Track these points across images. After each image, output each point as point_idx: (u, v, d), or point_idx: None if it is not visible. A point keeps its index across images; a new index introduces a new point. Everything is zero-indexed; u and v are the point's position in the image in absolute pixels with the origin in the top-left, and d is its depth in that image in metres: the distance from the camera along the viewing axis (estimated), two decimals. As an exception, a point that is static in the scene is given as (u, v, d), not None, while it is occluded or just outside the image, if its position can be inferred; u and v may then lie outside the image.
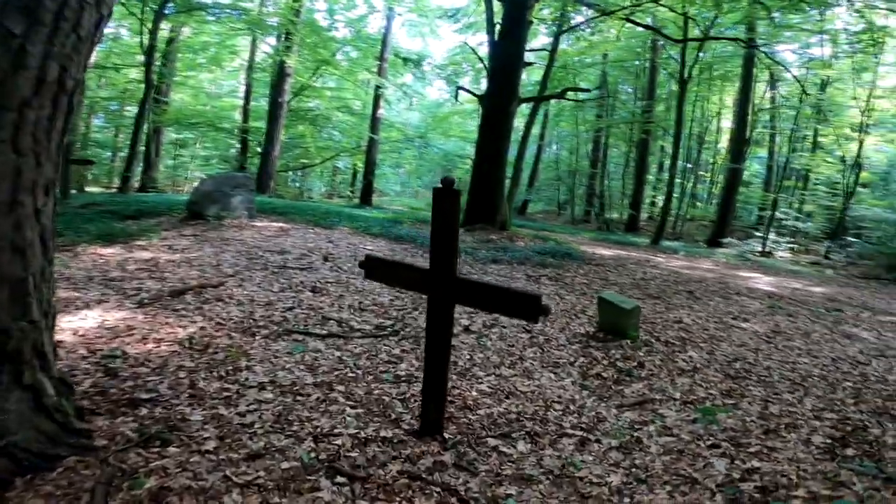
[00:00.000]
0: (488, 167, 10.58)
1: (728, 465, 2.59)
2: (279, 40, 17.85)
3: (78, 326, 3.83)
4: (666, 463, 2.64)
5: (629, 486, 2.43)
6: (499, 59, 10.95)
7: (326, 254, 6.63)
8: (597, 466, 2.58)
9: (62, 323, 3.85)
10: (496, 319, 4.75)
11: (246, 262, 5.94)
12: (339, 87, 23.34)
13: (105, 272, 5.19)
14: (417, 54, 25.01)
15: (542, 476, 2.47)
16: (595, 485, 2.42)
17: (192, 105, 21.79)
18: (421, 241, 8.49)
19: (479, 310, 4.54)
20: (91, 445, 2.19)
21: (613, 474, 2.52)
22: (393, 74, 24.10)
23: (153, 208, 8.95)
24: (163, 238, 6.80)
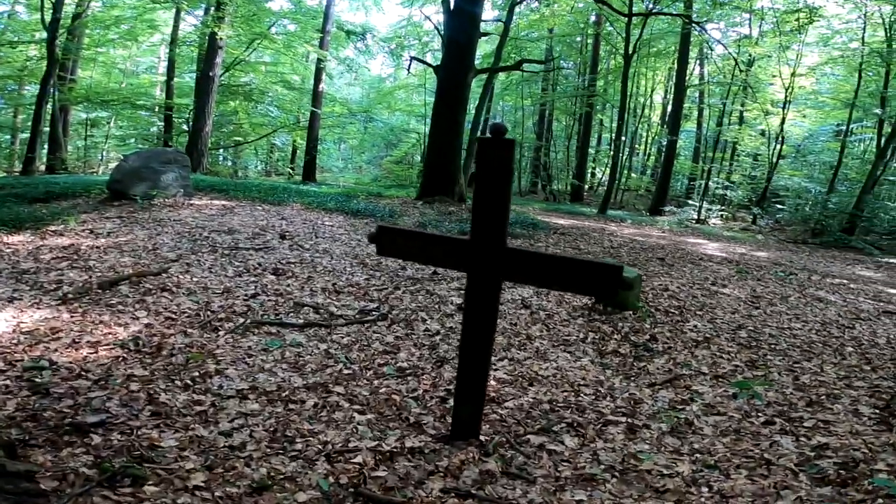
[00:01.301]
0: (445, 138, 9.99)
1: (794, 443, 2.31)
2: (207, 13, 16.01)
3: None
4: (728, 445, 2.32)
5: (701, 473, 2.09)
6: (454, 30, 10.27)
7: (283, 231, 5.84)
8: (658, 456, 2.20)
9: None
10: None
11: (189, 244, 5.07)
12: (275, 61, 21.57)
13: (13, 263, 4.17)
14: (362, 27, 23.62)
15: (605, 474, 2.06)
16: (666, 476, 2.05)
17: (104, 83, 19.37)
18: (380, 214, 7.82)
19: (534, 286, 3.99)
20: (38, 490, 1.51)
21: (680, 462, 2.16)
22: (335, 48, 22.61)
23: (66, 190, 7.61)
24: (82, 222, 5.70)
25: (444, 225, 7.55)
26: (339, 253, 5.32)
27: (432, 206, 9.42)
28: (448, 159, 10.02)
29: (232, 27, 15.62)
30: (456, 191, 10.05)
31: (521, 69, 11.63)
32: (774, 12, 14.05)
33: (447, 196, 9.86)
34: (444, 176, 10.00)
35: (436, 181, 10.00)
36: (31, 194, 7.22)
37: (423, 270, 4.98)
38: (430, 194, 9.84)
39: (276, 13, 18.46)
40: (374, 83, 30.90)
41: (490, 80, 11.83)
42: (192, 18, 17.56)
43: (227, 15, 14.89)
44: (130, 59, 22.20)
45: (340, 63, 25.34)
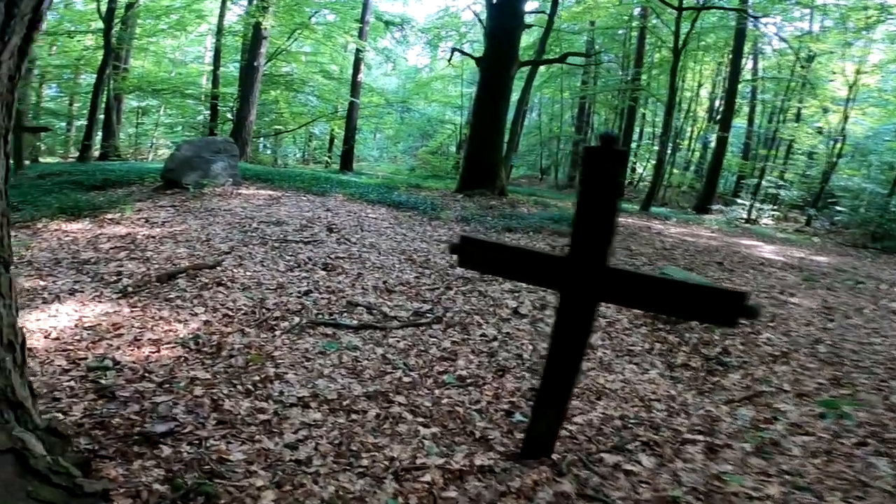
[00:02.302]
0: (486, 131, 9.77)
1: (890, 465, 2.09)
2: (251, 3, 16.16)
3: (49, 327, 2.97)
4: (819, 466, 2.11)
5: (793, 496, 1.89)
6: (497, 21, 9.98)
7: (329, 224, 5.78)
8: (744, 477, 2.01)
9: (29, 322, 2.99)
10: (546, 300, 4.10)
11: (241, 235, 5.06)
12: (315, 51, 21.66)
13: (74, 253, 4.24)
14: (400, 17, 23.47)
15: (687, 496, 1.88)
16: (754, 499, 1.87)
17: (154, 72, 19.85)
18: (423, 207, 7.67)
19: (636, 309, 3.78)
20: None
21: (768, 485, 1.96)
22: (373, 38, 22.56)
23: (121, 177, 7.79)
24: (137, 210, 5.79)
25: (487, 220, 7.37)
26: (386, 248, 5.21)
27: (473, 199, 9.24)
28: (489, 152, 9.79)
29: (275, 17, 15.72)
30: (497, 184, 9.83)
31: (565, 62, 11.23)
32: (839, 8, 13.09)
33: (488, 189, 9.66)
34: (485, 169, 9.78)
35: (477, 174, 9.80)
36: (89, 181, 7.42)
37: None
38: (470, 187, 9.66)
39: (317, 3, 18.47)
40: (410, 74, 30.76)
41: (533, 73, 11.47)
42: (237, 8, 17.77)
43: (270, 5, 14.99)
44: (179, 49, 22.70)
45: (379, 53, 25.26)
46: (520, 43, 10.52)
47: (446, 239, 6.01)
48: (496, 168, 9.83)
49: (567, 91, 20.69)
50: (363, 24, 18.42)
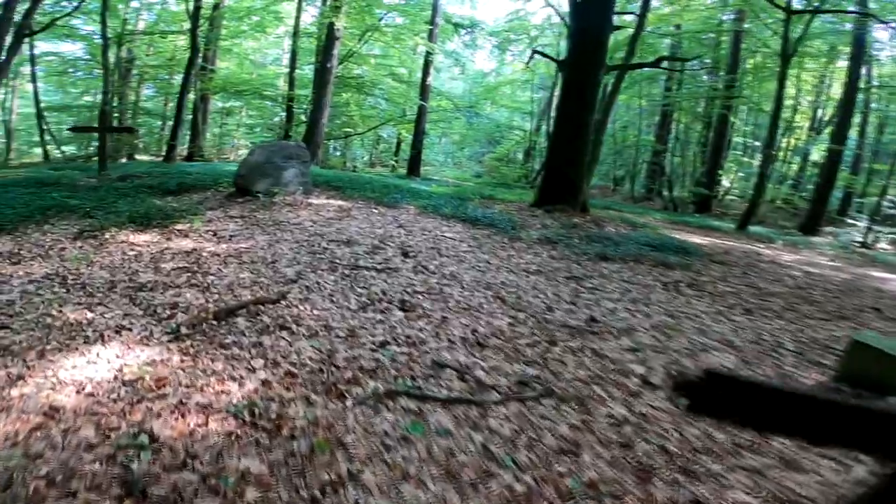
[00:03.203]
0: (570, 141, 8.78)
1: None
2: (325, 3, 16.08)
3: (85, 378, 2.44)
4: None
5: None
6: (584, 22, 8.97)
7: (404, 247, 5.11)
8: None
9: (63, 369, 2.48)
10: (685, 369, 3.17)
11: (308, 257, 4.49)
12: (384, 53, 21.43)
13: (133, 274, 3.80)
14: (469, 20, 22.79)
15: None
16: None
17: (237, 73, 20.31)
18: (502, 225, 6.86)
19: None
20: None
21: None
22: (441, 41, 22.03)
23: (197, 182, 7.58)
24: (207, 221, 5.40)
25: (573, 242, 6.45)
26: (470, 280, 4.46)
27: (553, 215, 8.31)
28: (572, 164, 8.80)
29: (347, 18, 15.49)
30: (579, 199, 8.83)
31: (659, 66, 10.03)
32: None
33: (569, 205, 8.68)
34: (566, 182, 8.81)
35: (557, 187, 8.84)
36: (164, 186, 7.24)
37: (576, 313, 3.97)
38: (549, 201, 8.72)
39: (387, 5, 18.13)
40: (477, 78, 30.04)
41: (620, 78, 10.33)
42: (312, 9, 17.78)
43: (343, 4, 14.74)
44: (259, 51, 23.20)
45: (448, 56, 24.70)
46: (608, 46, 9.45)
47: (536, 268, 5.18)
48: (578, 182, 8.83)
49: (643, 98, 19.13)
50: (432, 26, 17.86)
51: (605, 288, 4.81)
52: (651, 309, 4.33)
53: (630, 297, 4.61)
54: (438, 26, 18.54)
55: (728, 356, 3.53)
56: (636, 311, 4.26)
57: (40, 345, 2.76)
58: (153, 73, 21.16)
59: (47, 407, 2.27)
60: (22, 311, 3.12)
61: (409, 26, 19.22)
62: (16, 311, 3.11)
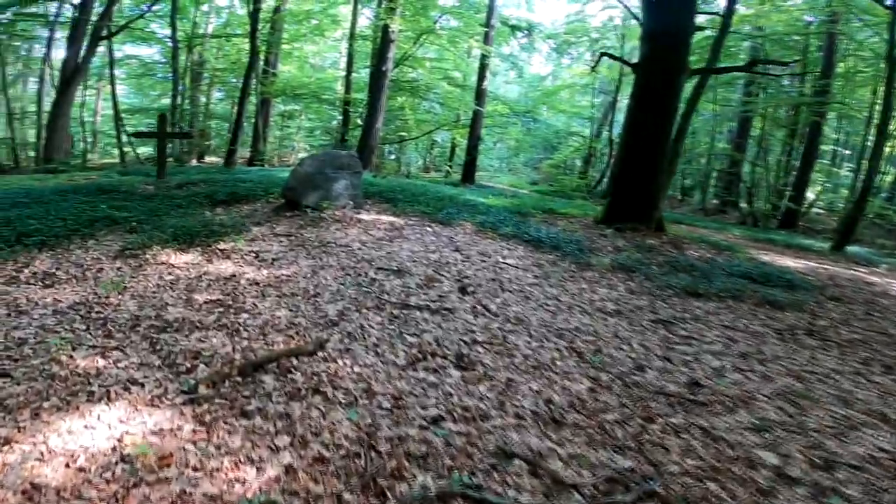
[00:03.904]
0: (644, 152, 7.81)
1: None
2: (380, 5, 15.79)
3: (79, 447, 1.98)
4: None
5: None
6: (661, 21, 7.95)
7: (461, 278, 4.45)
8: None
9: (54, 436, 2.02)
10: (833, 456, 2.32)
11: (354, 290, 3.92)
12: (439, 57, 20.92)
13: (162, 309, 3.36)
14: (527, 22, 21.88)
15: None
16: None
17: (297, 77, 20.44)
18: (568, 248, 6.06)
19: None
20: None
21: None
22: (497, 44, 21.26)
23: (249, 191, 7.27)
24: (251, 240, 4.98)
25: (653, 271, 5.55)
26: (538, 324, 3.73)
27: (624, 235, 7.39)
28: (647, 178, 7.81)
29: (402, 19, 15.06)
30: (654, 217, 7.83)
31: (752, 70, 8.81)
32: None
33: (641, 223, 7.71)
34: (639, 197, 7.84)
35: (628, 203, 7.89)
36: (216, 196, 6.97)
37: (673, 374, 3.16)
38: (619, 218, 7.79)
39: (441, 7, 17.55)
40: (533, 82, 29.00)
41: (702, 83, 9.17)
42: (368, 12, 17.56)
43: (398, 6, 14.32)
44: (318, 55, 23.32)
45: (504, 60, 23.86)
46: (690, 47, 8.36)
47: (614, 306, 4.36)
48: (654, 197, 7.84)
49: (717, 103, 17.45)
50: (488, 28, 17.09)
51: (703, 337, 3.93)
52: (769, 368, 3.44)
53: (738, 351, 3.72)
54: (494, 29, 17.76)
55: (884, 435, 2.64)
56: (749, 370, 3.39)
57: (38, 400, 2.33)
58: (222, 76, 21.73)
59: (28, 484, 1.81)
60: (31, 353, 2.73)
61: (463, 29, 18.58)
62: (24, 353, 2.72)
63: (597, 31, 21.61)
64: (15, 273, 3.94)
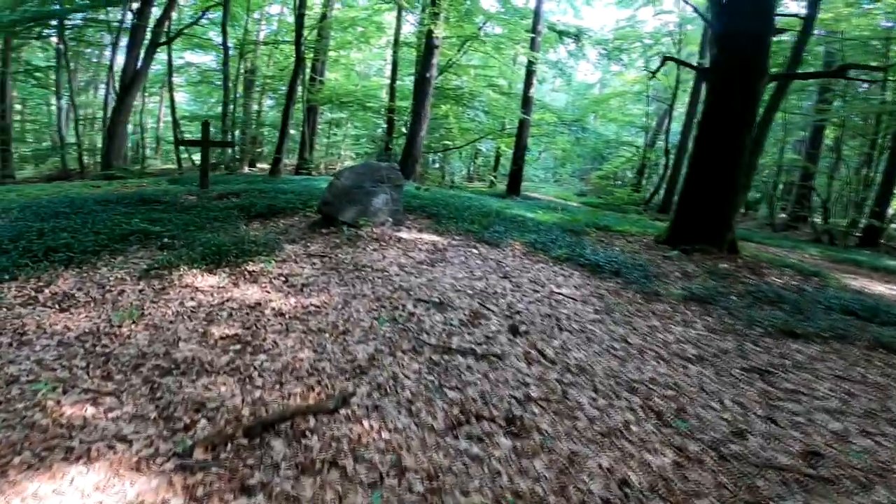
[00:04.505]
0: (717, 164, 6.96)
1: None
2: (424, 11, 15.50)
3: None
4: None
5: None
6: (736, 22, 7.10)
7: (511, 313, 3.87)
8: None
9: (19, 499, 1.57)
10: None
11: (388, 328, 3.42)
12: (484, 64, 20.42)
13: (172, 345, 2.98)
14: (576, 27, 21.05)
15: None
16: None
17: (344, 84, 20.48)
18: (631, 273, 5.33)
19: None
20: None
21: None
22: (544, 50, 20.53)
23: (288, 203, 6.98)
24: (282, 260, 4.60)
25: (733, 302, 4.75)
26: (605, 375, 3.10)
27: (692, 257, 6.57)
28: (720, 194, 6.95)
29: (446, 24, 14.67)
30: (726, 237, 6.96)
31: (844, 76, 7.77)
32: None
33: (711, 244, 6.85)
34: (710, 216, 6.99)
35: (696, 221, 7.05)
36: (254, 208, 6.71)
37: (782, 440, 2.45)
38: (685, 239, 6.97)
39: (486, 12, 17.01)
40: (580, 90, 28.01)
41: (783, 90, 8.19)
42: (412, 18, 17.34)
43: (441, 10, 13.94)
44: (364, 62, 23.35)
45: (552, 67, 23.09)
46: (770, 50, 7.44)
47: (694, 350, 3.66)
48: (727, 216, 6.97)
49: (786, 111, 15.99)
50: (535, 34, 16.40)
51: (812, 390, 3.17)
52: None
53: (860, 408, 2.95)
54: (541, 35, 17.06)
55: None
56: (880, 433, 2.64)
57: (10, 454, 1.95)
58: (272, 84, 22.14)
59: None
60: (17, 395, 2.38)
61: (508, 35, 17.99)
62: (10, 395, 2.38)
63: (650, 36, 20.54)
64: (35, 293, 3.71)
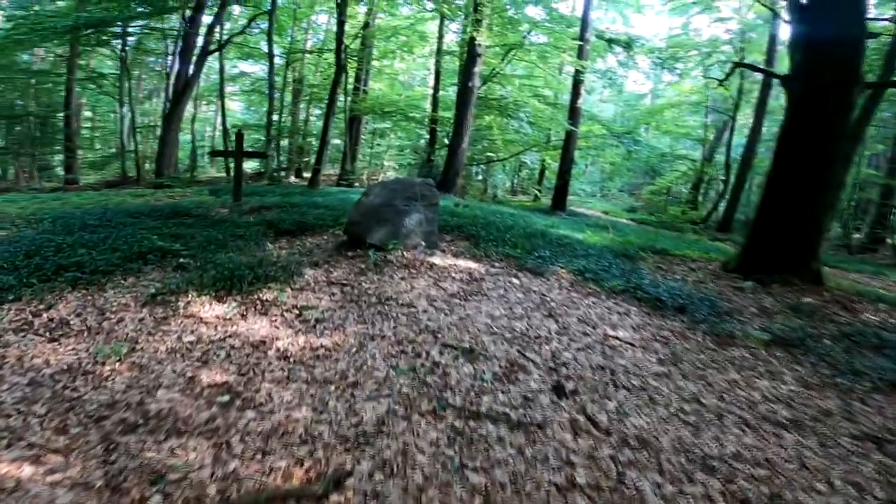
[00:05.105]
0: (803, 183, 6.02)
1: None
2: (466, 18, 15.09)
3: None
4: None
5: None
6: (825, 26, 6.17)
7: (556, 368, 3.22)
8: None
9: None
10: None
11: (406, 381, 2.86)
12: (528, 74, 19.76)
13: (150, 393, 2.55)
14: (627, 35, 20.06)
15: None
16: None
17: (387, 94, 20.36)
18: (701, 311, 4.52)
19: None
20: None
21: None
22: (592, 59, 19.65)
23: (318, 220, 6.62)
24: (299, 289, 4.16)
25: (826, 347, 3.89)
26: (673, 449, 2.41)
27: (769, 289, 5.66)
28: (804, 216, 5.99)
29: (489, 32, 14.16)
30: (811, 266, 5.98)
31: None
32: None
33: (793, 274, 5.90)
34: (792, 241, 6.04)
35: (775, 247, 6.11)
36: (283, 224, 6.39)
37: None
38: (761, 267, 6.05)
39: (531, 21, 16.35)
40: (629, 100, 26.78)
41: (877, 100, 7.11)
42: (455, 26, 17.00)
43: (484, 17, 13.44)
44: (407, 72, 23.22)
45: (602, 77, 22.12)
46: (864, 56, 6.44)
47: (787, 412, 2.88)
48: (812, 242, 6.00)
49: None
50: (583, 42, 15.59)
51: None
52: None
53: None
54: (589, 43, 16.25)
55: None
56: None
57: None
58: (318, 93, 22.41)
59: None
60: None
61: (554, 43, 17.24)
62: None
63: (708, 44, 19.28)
64: (32, 317, 3.43)
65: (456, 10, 14.25)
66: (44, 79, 18.70)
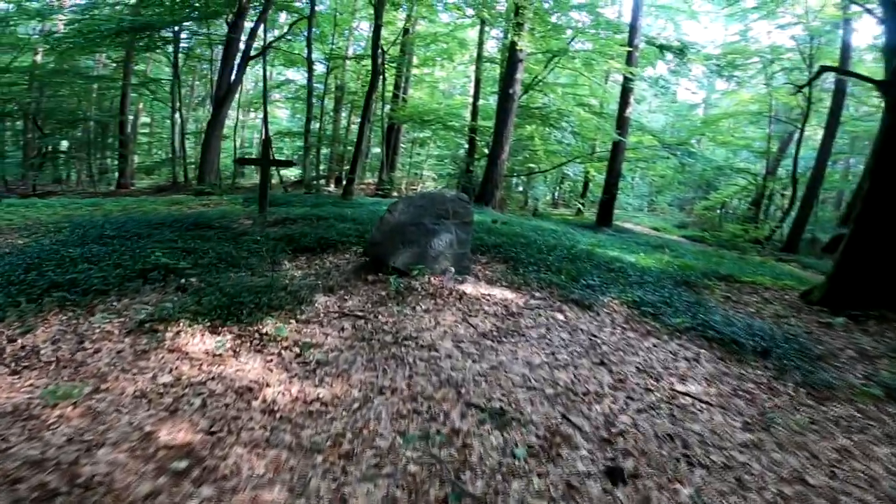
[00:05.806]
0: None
1: None
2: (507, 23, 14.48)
3: None
4: None
5: None
6: None
7: (609, 440, 2.51)
8: None
9: None
10: None
11: (415, 455, 2.24)
12: (572, 82, 18.90)
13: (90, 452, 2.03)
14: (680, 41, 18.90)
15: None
16: None
17: (427, 102, 19.97)
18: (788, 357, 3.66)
19: None
20: None
21: None
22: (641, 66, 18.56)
23: (342, 236, 6.13)
24: (306, 321, 3.62)
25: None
26: None
27: (866, 325, 4.72)
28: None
29: (531, 37, 13.48)
30: (920, 303, 4.97)
31: None
32: None
33: (894, 309, 4.92)
34: (894, 268, 5.05)
35: (872, 276, 5.13)
36: (304, 240, 5.93)
37: None
38: (854, 300, 5.09)
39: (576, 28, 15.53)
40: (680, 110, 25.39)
41: None
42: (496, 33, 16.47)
43: (525, 21, 12.78)
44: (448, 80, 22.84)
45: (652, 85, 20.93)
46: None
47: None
48: (922, 274, 4.99)
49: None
50: (632, 48, 14.64)
51: None
52: None
53: None
54: (639, 49, 15.27)
55: None
56: None
57: None
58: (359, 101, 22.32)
59: None
60: None
61: (601, 50, 16.33)
62: None
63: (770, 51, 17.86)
64: (6, 343, 3.05)
65: (496, 16, 13.72)
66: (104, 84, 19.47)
